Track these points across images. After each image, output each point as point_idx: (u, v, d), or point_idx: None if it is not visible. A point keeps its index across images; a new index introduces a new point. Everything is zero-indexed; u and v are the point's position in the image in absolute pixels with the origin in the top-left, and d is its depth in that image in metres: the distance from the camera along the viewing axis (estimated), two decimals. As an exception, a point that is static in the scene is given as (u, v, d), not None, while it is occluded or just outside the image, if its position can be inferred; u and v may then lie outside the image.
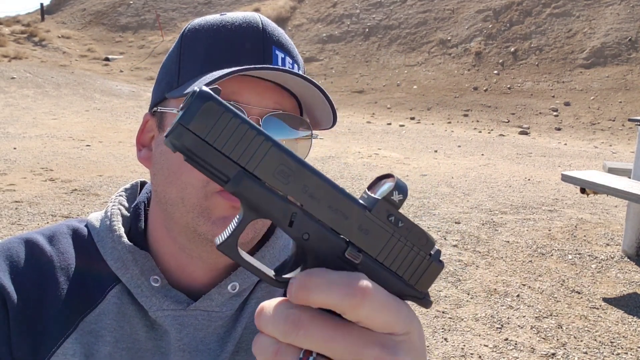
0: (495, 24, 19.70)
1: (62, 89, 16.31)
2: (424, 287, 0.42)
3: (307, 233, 0.39)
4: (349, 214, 0.39)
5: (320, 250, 0.39)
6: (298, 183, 0.38)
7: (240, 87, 0.74)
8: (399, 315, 0.40)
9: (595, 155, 11.08)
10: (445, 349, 3.41)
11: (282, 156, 0.38)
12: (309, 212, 0.39)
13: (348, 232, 0.39)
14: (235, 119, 0.37)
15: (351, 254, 0.39)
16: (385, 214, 0.40)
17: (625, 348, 3.50)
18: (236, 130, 0.38)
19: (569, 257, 5.02)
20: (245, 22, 0.78)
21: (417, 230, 0.40)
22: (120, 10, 27.52)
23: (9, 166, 7.71)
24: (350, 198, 0.39)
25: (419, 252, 0.41)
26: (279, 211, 0.39)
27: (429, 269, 0.41)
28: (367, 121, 15.05)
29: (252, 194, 0.38)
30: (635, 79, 15.78)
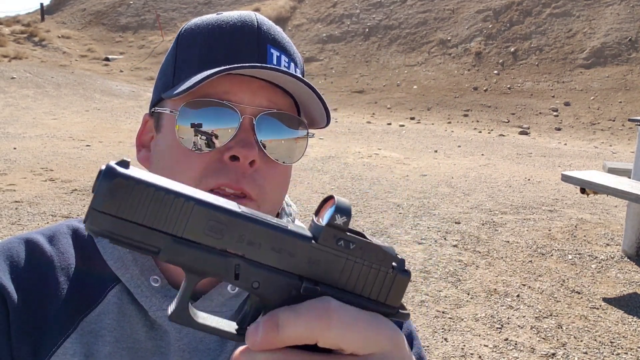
0: (495, 24, 19.71)
1: (62, 89, 16.32)
2: (395, 301, 0.40)
3: (256, 281, 0.38)
4: (295, 251, 0.38)
5: (274, 294, 0.38)
6: (233, 234, 0.37)
7: (234, 86, 0.74)
8: (377, 330, 0.39)
9: (595, 155, 11.08)
10: (445, 349, 3.41)
11: (209, 212, 0.36)
12: (253, 260, 0.37)
13: (298, 269, 0.38)
14: (149, 187, 0.36)
15: (307, 289, 0.38)
16: (333, 239, 0.38)
17: (625, 348, 3.50)
18: (153, 198, 0.36)
19: (569, 257, 5.02)
20: (240, 21, 0.77)
21: (372, 248, 0.39)
22: (120, 10, 27.52)
23: (9, 166, 7.72)
24: (292, 234, 0.38)
25: (379, 269, 0.39)
26: (220, 267, 0.37)
27: (395, 282, 0.40)
28: (367, 121, 15.05)
29: (187, 258, 0.37)
30: (635, 79, 15.79)
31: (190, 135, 0.73)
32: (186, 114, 0.74)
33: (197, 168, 0.73)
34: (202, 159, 0.73)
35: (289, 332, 0.36)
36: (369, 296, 0.39)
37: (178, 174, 0.73)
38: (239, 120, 0.73)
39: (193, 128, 0.73)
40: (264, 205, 0.74)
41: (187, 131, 0.74)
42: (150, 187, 0.36)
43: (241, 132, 0.73)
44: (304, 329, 0.36)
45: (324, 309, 0.37)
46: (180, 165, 0.74)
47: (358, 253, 0.39)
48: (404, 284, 0.40)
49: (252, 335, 0.37)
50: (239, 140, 0.72)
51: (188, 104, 0.74)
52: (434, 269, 4.64)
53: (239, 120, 0.73)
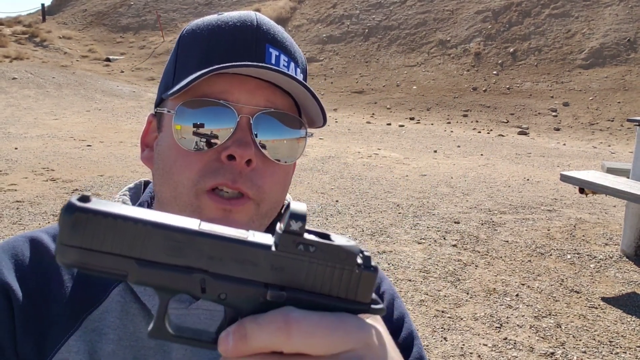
0: (494, 25, 19.72)
1: (63, 89, 16.33)
2: (365, 297, 0.41)
3: (223, 293, 0.39)
4: (257, 260, 0.39)
5: (243, 303, 0.40)
6: (193, 251, 0.39)
7: (231, 85, 0.74)
8: (342, 331, 0.39)
9: (594, 155, 11.10)
10: (445, 348, 3.43)
11: (165, 233, 0.38)
12: (216, 273, 0.39)
13: (263, 276, 0.39)
14: (107, 217, 0.38)
15: (273, 295, 0.39)
16: (293, 245, 0.39)
17: (624, 347, 3.52)
18: (112, 227, 0.38)
19: (567, 257, 5.04)
20: (240, 20, 0.78)
21: (333, 249, 0.40)
22: (121, 11, 27.53)
23: (10, 166, 7.73)
24: (251, 245, 0.39)
25: (343, 268, 0.40)
26: (186, 284, 0.39)
27: (361, 279, 0.40)
28: (366, 121, 15.06)
29: (154, 279, 0.39)
30: (633, 79, 15.81)
31: (187, 134, 0.74)
32: (183, 113, 0.74)
33: (195, 168, 0.73)
34: (200, 158, 0.73)
35: (254, 342, 0.38)
36: (338, 295, 0.40)
37: (176, 174, 0.74)
38: (236, 120, 0.73)
39: (190, 128, 0.74)
40: (263, 204, 0.74)
41: (184, 131, 0.74)
42: (108, 217, 0.38)
43: (238, 132, 0.73)
44: (267, 339, 0.38)
45: (283, 320, 0.38)
46: (178, 165, 0.74)
47: (320, 255, 0.39)
48: (371, 280, 0.40)
49: (223, 343, 0.39)
50: (236, 140, 0.72)
51: (185, 104, 0.74)
52: (434, 268, 4.66)
53: (236, 119, 0.73)
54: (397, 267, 4.64)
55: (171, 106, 0.76)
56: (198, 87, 0.74)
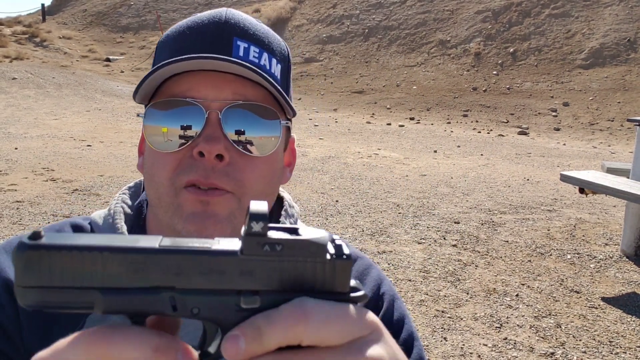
0: (494, 25, 19.73)
1: (63, 89, 16.33)
2: (343, 286, 0.39)
3: (195, 307, 0.38)
4: (223, 268, 0.38)
5: (217, 315, 0.38)
6: (156, 270, 0.37)
7: (197, 82, 0.74)
8: (353, 318, 0.39)
9: (594, 155, 11.11)
10: (445, 348, 3.43)
11: (124, 256, 0.37)
12: (185, 289, 0.38)
13: (233, 284, 0.38)
14: (60, 250, 0.36)
15: (246, 301, 0.38)
16: (258, 246, 0.38)
17: (624, 347, 3.52)
18: (67, 259, 0.37)
19: (567, 257, 5.04)
20: (208, 17, 0.78)
21: (300, 243, 0.38)
22: (121, 11, 27.53)
23: (10, 166, 7.73)
24: (215, 254, 0.38)
25: (315, 261, 0.38)
26: (156, 305, 0.38)
27: (335, 269, 0.39)
28: (366, 121, 15.06)
29: (122, 305, 0.37)
30: (633, 79, 15.81)
31: (159, 136, 0.74)
32: (152, 115, 0.75)
33: (170, 167, 0.73)
34: (174, 157, 0.74)
35: (271, 340, 0.37)
36: (314, 290, 0.39)
37: (156, 175, 0.75)
38: (204, 116, 0.73)
39: (161, 129, 0.74)
40: (244, 198, 0.74)
41: (155, 133, 0.75)
42: (62, 250, 0.36)
43: (207, 128, 0.73)
44: (284, 334, 0.37)
45: (302, 311, 0.37)
46: (156, 167, 0.75)
47: (288, 252, 0.38)
48: (346, 269, 0.39)
49: (232, 347, 0.37)
50: (205, 136, 0.72)
51: (153, 106, 0.75)
52: (434, 268, 4.66)
53: (204, 116, 0.73)
54: (397, 267, 4.64)
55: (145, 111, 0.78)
56: (167, 88, 0.75)
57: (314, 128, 13.30)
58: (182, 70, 0.74)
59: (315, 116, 15.38)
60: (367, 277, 0.90)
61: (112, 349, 0.36)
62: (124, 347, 0.36)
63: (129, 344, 0.36)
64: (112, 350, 0.36)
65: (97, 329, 0.37)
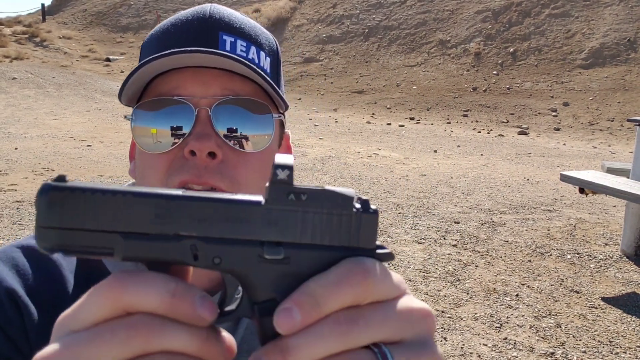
0: (494, 25, 19.73)
1: (63, 89, 16.33)
2: (368, 242, 0.38)
3: (217, 257, 0.37)
4: (248, 217, 0.37)
5: (238, 265, 0.37)
6: (181, 216, 0.36)
7: (184, 80, 0.72)
8: (392, 274, 0.39)
9: (594, 155, 11.11)
10: (445, 348, 3.43)
11: (149, 201, 0.36)
12: (207, 237, 0.37)
13: (256, 234, 0.37)
14: (85, 192, 0.36)
15: (269, 252, 0.37)
16: (283, 195, 0.37)
17: (624, 347, 3.52)
18: (92, 202, 0.36)
19: (567, 257, 5.04)
20: (192, 14, 0.77)
21: (327, 195, 0.37)
22: (121, 11, 27.53)
23: (11, 166, 7.74)
24: (240, 202, 0.37)
25: (341, 214, 0.37)
26: (176, 252, 0.37)
27: (362, 223, 0.38)
28: (366, 121, 15.06)
29: (142, 252, 0.36)
30: (633, 79, 15.81)
31: (148, 137, 0.72)
32: (140, 116, 0.73)
33: (162, 168, 0.72)
34: (166, 158, 0.72)
35: (331, 304, 0.35)
36: (340, 244, 0.37)
37: (147, 177, 0.73)
38: (194, 114, 0.71)
39: (150, 130, 0.72)
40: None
41: (144, 134, 0.73)
42: (86, 192, 0.36)
43: (197, 125, 0.71)
44: (347, 297, 0.35)
45: (363, 271, 0.36)
46: (148, 169, 0.73)
47: (313, 203, 0.37)
48: (372, 223, 0.38)
49: (287, 321, 0.35)
50: (196, 134, 0.70)
51: (140, 106, 0.73)
52: (434, 268, 4.66)
53: (193, 113, 0.71)
54: (397, 267, 4.64)
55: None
56: (154, 88, 0.73)
57: (314, 128, 13.30)
58: (168, 68, 0.72)
59: (315, 116, 15.38)
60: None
61: (129, 294, 0.34)
62: (141, 292, 0.34)
63: (145, 289, 0.35)
64: (129, 296, 0.34)
65: (112, 275, 0.35)
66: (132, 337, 0.34)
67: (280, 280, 0.37)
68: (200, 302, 0.35)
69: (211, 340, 0.36)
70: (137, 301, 0.35)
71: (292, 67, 20.68)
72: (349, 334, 0.35)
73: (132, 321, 0.35)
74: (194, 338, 0.35)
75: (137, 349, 0.34)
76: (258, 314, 0.38)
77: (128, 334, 0.34)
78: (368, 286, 0.36)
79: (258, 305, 0.38)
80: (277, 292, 0.37)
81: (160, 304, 0.35)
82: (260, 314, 0.37)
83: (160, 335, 0.34)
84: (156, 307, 0.35)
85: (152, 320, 0.35)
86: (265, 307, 0.37)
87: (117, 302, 0.35)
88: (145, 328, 0.34)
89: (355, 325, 0.36)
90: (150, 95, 0.74)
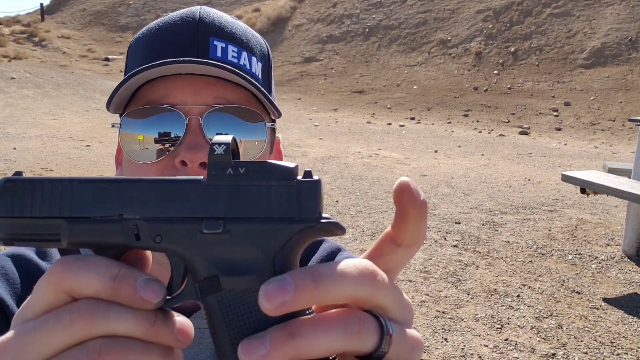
0: (495, 24, 19.71)
1: (62, 89, 16.32)
2: (311, 211, 0.37)
3: (159, 235, 0.37)
4: (188, 195, 0.37)
5: (178, 242, 0.37)
6: (122, 198, 0.37)
7: (174, 87, 0.70)
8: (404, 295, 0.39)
9: (596, 155, 11.08)
10: (446, 349, 3.41)
11: (90, 185, 0.38)
12: (149, 217, 0.37)
13: (198, 211, 0.37)
14: (33, 182, 0.38)
15: (208, 226, 0.37)
16: (221, 170, 0.37)
17: (626, 348, 3.50)
18: (38, 190, 0.38)
19: (569, 258, 5.02)
20: (181, 17, 0.74)
21: (266, 166, 0.37)
22: (120, 11, 27.53)
23: (9, 166, 7.72)
24: (179, 181, 0.38)
25: (280, 184, 0.37)
26: (119, 234, 0.37)
27: (302, 191, 0.37)
28: (367, 121, 15.05)
29: (87, 236, 0.37)
30: (635, 79, 15.78)
31: (135, 145, 0.70)
32: (129, 125, 0.71)
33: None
34: (155, 168, 0.70)
35: (330, 291, 0.33)
36: (281, 216, 0.37)
37: None
38: (184, 123, 0.69)
39: (138, 138, 0.70)
40: None
41: (132, 143, 0.71)
42: (34, 182, 0.38)
43: (188, 135, 0.69)
44: (350, 287, 0.34)
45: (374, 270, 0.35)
46: (135, 174, 0.71)
47: (252, 176, 0.37)
48: (314, 192, 0.37)
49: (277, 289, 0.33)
50: (187, 144, 0.68)
51: (129, 114, 0.71)
52: (434, 269, 4.63)
53: (184, 122, 0.69)
54: (397, 267, 4.62)
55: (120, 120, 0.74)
56: (143, 95, 0.71)
57: (314, 128, 13.29)
58: (157, 76, 0.70)
59: (315, 116, 15.37)
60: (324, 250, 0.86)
61: (70, 278, 0.34)
62: (82, 276, 0.34)
63: (87, 273, 0.35)
64: (70, 280, 0.34)
65: (57, 261, 0.36)
66: (75, 321, 0.34)
67: (221, 255, 0.37)
68: (143, 285, 0.34)
69: (159, 323, 0.35)
70: (79, 285, 0.34)
71: (292, 67, 20.67)
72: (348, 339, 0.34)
73: (75, 306, 0.34)
74: (140, 321, 0.34)
75: (81, 333, 0.34)
76: (199, 292, 0.37)
77: (71, 318, 0.34)
78: (376, 288, 0.34)
79: (199, 283, 0.37)
80: (218, 269, 0.37)
81: (102, 288, 0.34)
82: (202, 293, 0.37)
83: (104, 319, 0.34)
84: (98, 290, 0.34)
85: (97, 305, 0.34)
86: (207, 285, 0.37)
87: (60, 286, 0.35)
88: (89, 312, 0.34)
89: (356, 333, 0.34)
90: (138, 103, 0.71)
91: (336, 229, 0.37)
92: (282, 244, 0.37)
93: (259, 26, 22.63)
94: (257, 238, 0.37)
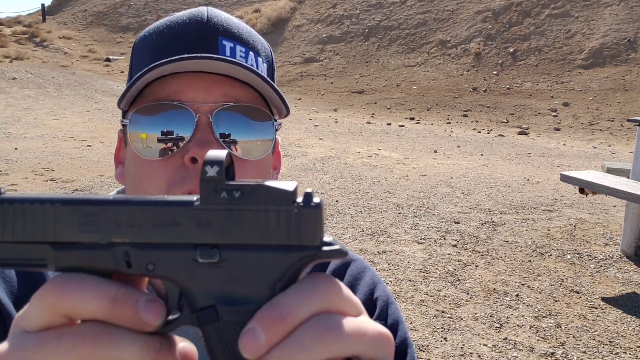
0: (494, 25, 19.73)
1: (63, 89, 16.33)
2: (311, 239, 0.35)
3: (151, 263, 0.35)
4: (178, 219, 0.35)
5: (172, 271, 0.35)
6: (110, 222, 0.35)
7: (184, 85, 0.71)
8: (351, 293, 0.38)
9: (594, 155, 11.10)
10: (445, 349, 3.43)
11: (76, 208, 0.35)
12: (139, 243, 0.35)
13: (190, 237, 0.35)
14: (13, 204, 0.35)
15: (203, 255, 0.35)
16: (215, 194, 0.34)
17: (624, 347, 3.52)
18: (21, 213, 0.35)
19: (567, 257, 5.04)
20: (189, 17, 0.75)
21: (263, 189, 0.34)
22: (121, 11, 27.53)
23: (11, 166, 7.73)
24: (170, 203, 0.35)
25: (279, 210, 0.34)
26: (109, 261, 0.35)
27: (302, 218, 0.34)
28: (366, 121, 15.06)
29: (74, 262, 0.35)
30: (633, 79, 15.81)
31: (145, 143, 0.70)
32: (138, 121, 0.71)
33: (162, 177, 0.69)
34: (165, 166, 0.69)
35: (296, 315, 0.33)
36: (280, 243, 0.35)
37: (145, 186, 0.71)
38: (194, 120, 0.69)
39: (148, 135, 0.70)
40: None
41: (142, 139, 0.70)
42: (14, 203, 0.35)
43: (198, 132, 0.69)
44: (313, 304, 0.34)
45: (327, 280, 0.35)
46: (145, 177, 0.71)
47: (248, 200, 0.34)
48: (315, 218, 0.35)
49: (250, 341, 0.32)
50: (197, 141, 0.68)
51: (138, 111, 0.71)
52: (434, 268, 4.66)
53: (194, 119, 0.69)
54: (397, 267, 4.64)
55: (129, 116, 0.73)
56: (152, 92, 0.71)
57: (314, 128, 13.30)
58: (168, 73, 0.71)
59: (315, 116, 15.38)
60: (361, 281, 0.87)
61: (66, 301, 0.33)
62: (78, 299, 0.33)
63: (83, 295, 0.33)
64: (66, 302, 0.33)
65: (50, 281, 0.34)
66: (79, 346, 0.33)
67: (218, 286, 0.35)
68: (144, 306, 0.33)
69: (164, 350, 0.34)
70: (75, 308, 0.33)
71: (292, 67, 20.69)
72: (330, 342, 0.33)
73: (79, 330, 0.33)
74: (145, 349, 0.34)
75: (83, 357, 0.33)
76: (197, 322, 0.35)
77: (74, 341, 0.33)
78: (332, 296, 0.35)
79: (197, 314, 0.35)
80: (215, 299, 0.35)
81: (101, 310, 0.33)
82: (200, 323, 0.35)
83: (108, 345, 0.33)
84: (96, 313, 0.33)
85: (102, 329, 0.33)
86: (204, 316, 0.35)
87: (56, 310, 0.34)
88: (92, 337, 0.33)
89: (335, 331, 0.34)
90: (146, 99, 0.72)
91: (339, 255, 0.35)
92: (282, 274, 0.35)
93: (259, 27, 22.64)
94: (255, 267, 0.35)
